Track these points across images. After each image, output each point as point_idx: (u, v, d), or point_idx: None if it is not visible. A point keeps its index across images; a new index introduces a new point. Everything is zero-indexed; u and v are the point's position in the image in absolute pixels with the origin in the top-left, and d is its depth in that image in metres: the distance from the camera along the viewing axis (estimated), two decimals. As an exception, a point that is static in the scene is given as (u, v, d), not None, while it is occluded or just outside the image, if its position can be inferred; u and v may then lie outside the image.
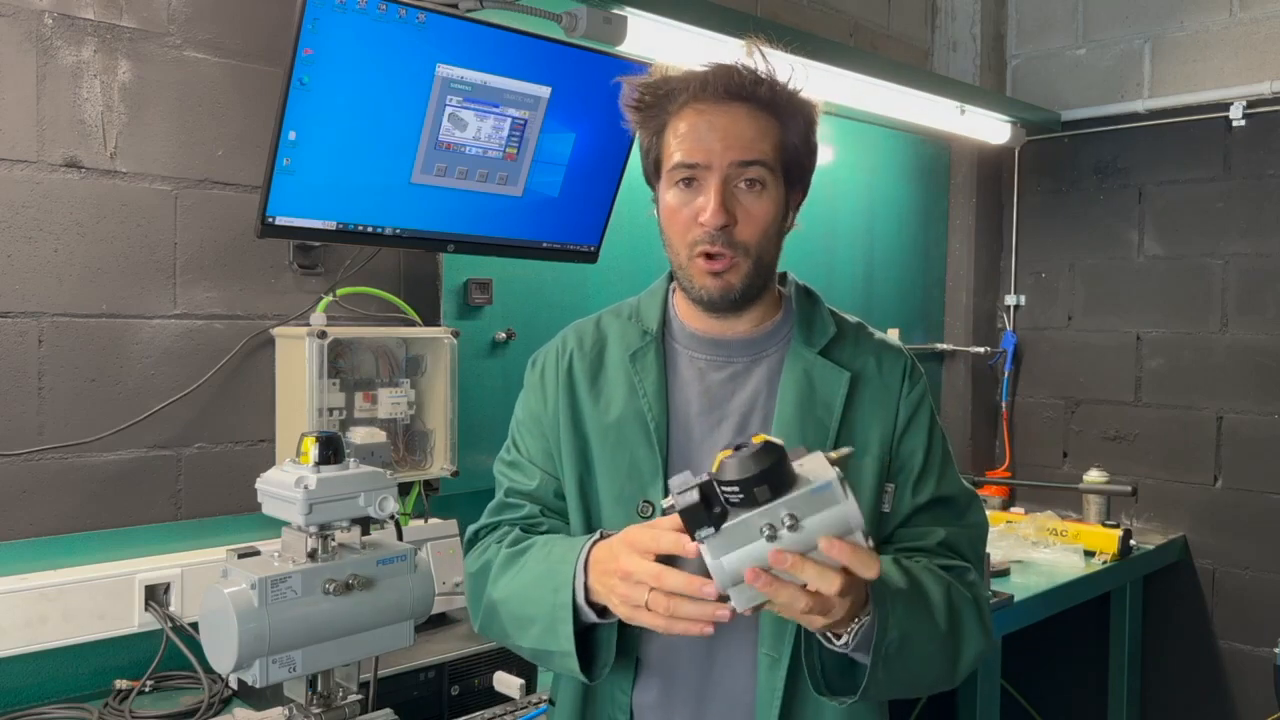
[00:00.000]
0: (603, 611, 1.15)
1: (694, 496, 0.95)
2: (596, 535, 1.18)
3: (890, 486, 1.27)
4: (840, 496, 0.96)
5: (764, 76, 1.19)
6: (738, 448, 0.96)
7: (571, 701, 1.29)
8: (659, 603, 1.03)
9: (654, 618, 1.05)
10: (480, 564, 1.31)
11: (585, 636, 1.19)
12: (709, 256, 1.19)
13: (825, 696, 1.16)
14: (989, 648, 1.24)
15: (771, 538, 0.96)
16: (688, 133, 1.19)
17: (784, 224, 1.25)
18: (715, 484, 0.96)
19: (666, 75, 1.22)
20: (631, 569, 1.06)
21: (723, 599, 1.00)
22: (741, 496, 0.95)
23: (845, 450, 1.02)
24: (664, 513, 0.99)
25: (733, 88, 1.18)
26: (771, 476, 0.95)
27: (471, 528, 1.38)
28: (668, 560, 1.04)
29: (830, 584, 0.98)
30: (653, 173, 1.26)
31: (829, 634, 1.11)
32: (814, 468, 0.98)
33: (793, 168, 1.23)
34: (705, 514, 0.96)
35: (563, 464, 1.30)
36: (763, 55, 1.21)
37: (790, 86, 1.21)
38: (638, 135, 1.27)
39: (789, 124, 1.21)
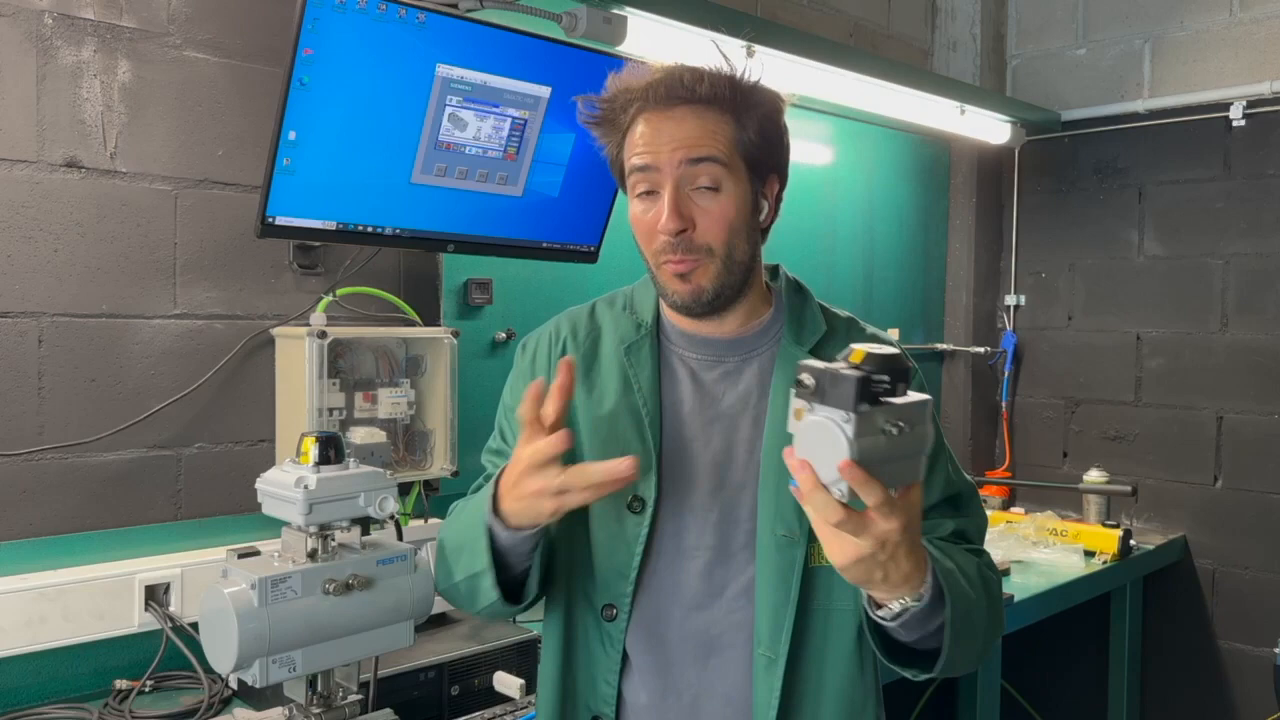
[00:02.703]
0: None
1: (854, 376, 0.91)
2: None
3: None
4: (927, 417, 0.96)
5: (705, 74, 1.19)
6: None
7: (551, 691, 1.28)
8: (586, 495, 1.10)
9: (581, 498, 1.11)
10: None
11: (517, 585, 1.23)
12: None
13: (897, 668, 1.16)
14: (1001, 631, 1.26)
15: (891, 435, 0.93)
16: (638, 139, 1.21)
17: (756, 218, 1.23)
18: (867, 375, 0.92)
19: (620, 88, 1.22)
20: (546, 484, 1.09)
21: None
22: (887, 388, 0.93)
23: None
24: (804, 384, 0.94)
25: (675, 90, 1.18)
26: (905, 378, 0.94)
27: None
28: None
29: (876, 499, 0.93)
30: (621, 183, 1.28)
31: (873, 605, 1.08)
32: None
33: (755, 159, 1.21)
34: (859, 394, 0.91)
35: None
36: (718, 50, 1.22)
37: (744, 79, 1.20)
38: (605, 148, 1.28)
39: (743, 117, 1.20)
